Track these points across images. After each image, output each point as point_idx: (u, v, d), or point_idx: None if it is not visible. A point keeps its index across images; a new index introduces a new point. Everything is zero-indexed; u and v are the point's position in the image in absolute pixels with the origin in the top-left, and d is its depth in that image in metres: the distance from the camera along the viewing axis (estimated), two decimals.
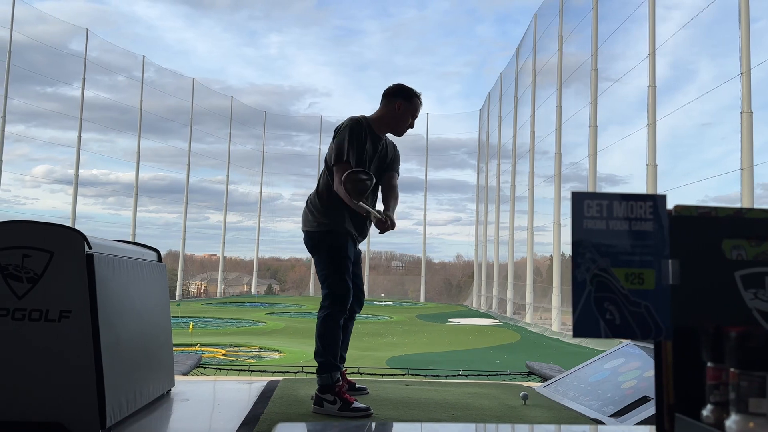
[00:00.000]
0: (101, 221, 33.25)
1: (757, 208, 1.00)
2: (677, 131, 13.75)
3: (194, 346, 11.11)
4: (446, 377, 5.65)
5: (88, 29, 26.20)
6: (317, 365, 3.18)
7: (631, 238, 0.91)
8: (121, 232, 29.57)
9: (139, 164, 28.39)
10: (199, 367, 5.53)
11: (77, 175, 25.41)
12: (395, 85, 3.57)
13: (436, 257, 48.02)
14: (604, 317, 0.89)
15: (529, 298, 21.15)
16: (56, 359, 2.31)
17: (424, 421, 2.96)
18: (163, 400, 3.21)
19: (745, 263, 0.96)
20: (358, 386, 3.62)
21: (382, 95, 3.56)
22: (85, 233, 2.43)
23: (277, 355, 11.17)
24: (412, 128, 3.59)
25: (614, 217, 0.91)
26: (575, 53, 18.44)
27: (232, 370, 6.23)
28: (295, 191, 48.20)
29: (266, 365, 7.96)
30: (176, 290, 30.91)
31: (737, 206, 1.33)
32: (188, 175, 31.65)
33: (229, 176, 34.79)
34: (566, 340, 15.04)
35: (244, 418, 2.88)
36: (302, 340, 12.85)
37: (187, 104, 31.91)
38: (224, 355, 10.78)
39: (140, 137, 28.45)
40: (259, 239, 36.81)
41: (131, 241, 3.29)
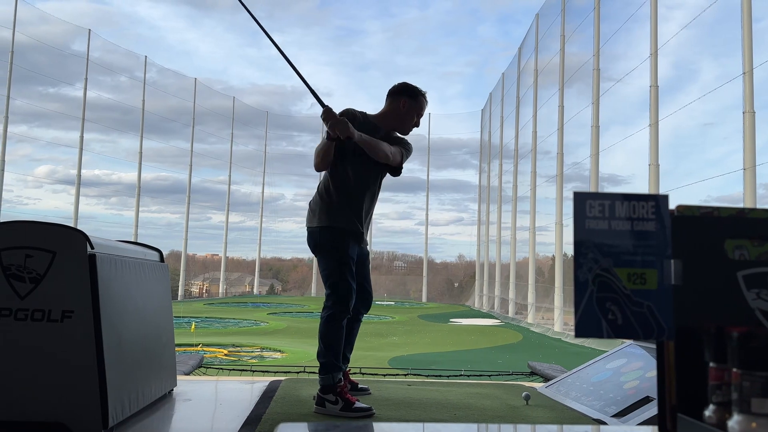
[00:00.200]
0: (103, 221, 33.29)
1: (759, 208, 1.00)
2: (679, 131, 13.75)
3: (196, 346, 11.12)
4: (448, 377, 5.65)
5: (90, 30, 26.27)
6: (319, 365, 3.18)
7: (633, 238, 0.91)
8: (123, 232, 29.60)
9: (141, 164, 28.47)
10: (201, 367, 5.54)
11: (79, 175, 25.47)
12: (400, 83, 3.56)
13: (438, 257, 48.04)
14: (606, 317, 0.89)
15: (531, 298, 21.13)
16: (58, 359, 2.31)
17: (426, 421, 2.95)
18: (165, 400, 3.21)
19: (747, 263, 0.96)
20: (360, 386, 3.62)
21: (387, 93, 3.55)
22: (87, 233, 2.43)
23: (279, 355, 11.17)
24: (417, 127, 3.57)
25: (616, 217, 0.91)
26: (577, 53, 18.44)
27: (234, 370, 6.22)
28: (296, 191, 48.31)
29: (268, 365, 7.96)
30: (178, 290, 30.95)
31: (740, 206, 1.32)
32: (190, 175, 31.73)
33: (231, 176, 34.89)
34: (568, 340, 15.03)
35: (246, 418, 2.88)
36: (304, 340, 12.85)
37: (189, 104, 31.97)
38: (226, 355, 10.78)
39: (142, 137, 28.53)
40: (261, 239, 36.89)
41: (133, 241, 3.29)
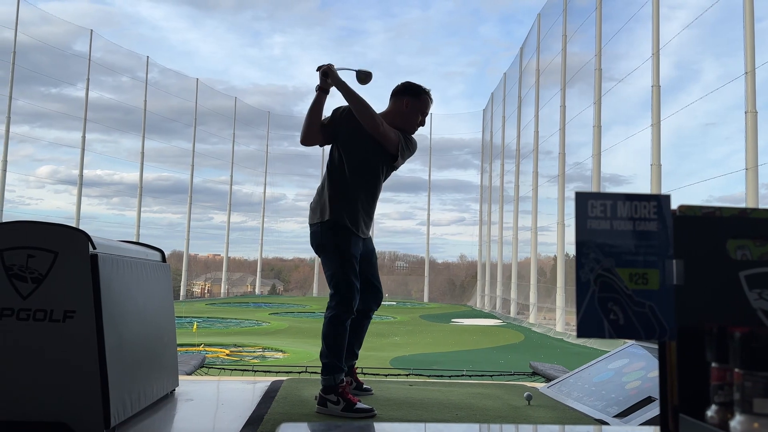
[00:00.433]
0: (105, 221, 33.37)
1: (761, 207, 1.00)
2: (681, 131, 13.74)
3: (198, 346, 11.13)
4: (450, 377, 5.65)
5: (92, 30, 26.30)
6: (322, 366, 3.17)
7: (635, 238, 0.91)
8: (125, 232, 29.64)
9: (143, 165, 28.50)
10: (203, 367, 5.54)
11: (81, 175, 25.51)
12: (403, 82, 3.52)
13: (439, 257, 48.03)
14: (608, 317, 0.89)
15: (532, 298, 21.12)
16: (60, 359, 2.32)
17: (427, 421, 2.95)
18: (167, 400, 3.21)
19: (749, 263, 0.96)
20: (364, 386, 3.62)
21: (391, 93, 3.52)
22: (89, 233, 2.44)
23: (280, 355, 11.18)
24: (423, 125, 3.51)
25: (618, 217, 0.91)
26: (579, 53, 18.43)
27: (235, 370, 6.23)
28: (298, 191, 48.33)
29: (270, 365, 7.96)
30: (180, 290, 30.97)
31: (742, 206, 1.32)
32: (192, 175, 31.75)
33: (232, 176, 34.89)
34: (570, 340, 15.01)
35: (248, 418, 2.88)
36: (306, 340, 12.86)
37: (190, 105, 31.98)
38: (228, 355, 10.79)
39: (144, 138, 28.55)
40: (262, 239, 36.90)
41: (135, 241, 3.30)
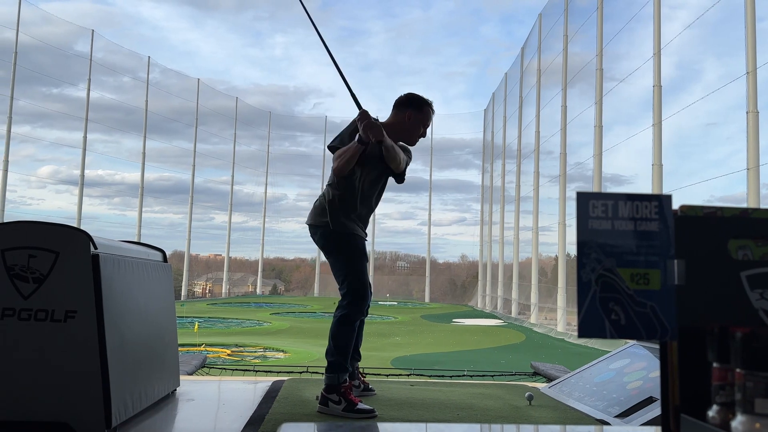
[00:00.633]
0: (106, 222, 33.37)
1: (763, 207, 1.00)
2: (683, 131, 13.72)
3: (199, 346, 11.13)
4: (451, 377, 5.65)
5: (93, 30, 26.33)
6: (327, 364, 3.16)
7: (636, 238, 0.91)
8: (126, 232, 29.67)
9: (144, 165, 28.51)
10: (204, 367, 5.55)
11: (83, 175, 25.53)
12: (406, 94, 3.50)
13: (440, 257, 47.86)
14: (609, 317, 0.89)
15: (534, 298, 21.11)
16: (62, 359, 2.32)
17: (428, 421, 2.95)
18: (168, 399, 3.21)
19: (751, 263, 0.96)
20: (369, 387, 3.62)
21: (393, 104, 3.49)
22: (90, 233, 2.44)
23: (282, 355, 11.18)
24: (424, 137, 3.50)
25: (619, 217, 0.91)
26: (580, 53, 18.41)
27: (237, 370, 6.23)
28: (299, 191, 48.31)
29: (271, 365, 7.96)
30: (181, 290, 30.98)
31: (743, 206, 1.32)
32: (193, 175, 31.76)
33: (234, 176, 34.90)
34: (571, 340, 15.01)
35: (249, 418, 2.88)
36: (307, 340, 12.86)
37: (192, 105, 32.00)
38: (229, 355, 10.79)
39: (145, 138, 28.57)
40: (264, 239, 36.89)
41: (136, 241, 3.30)
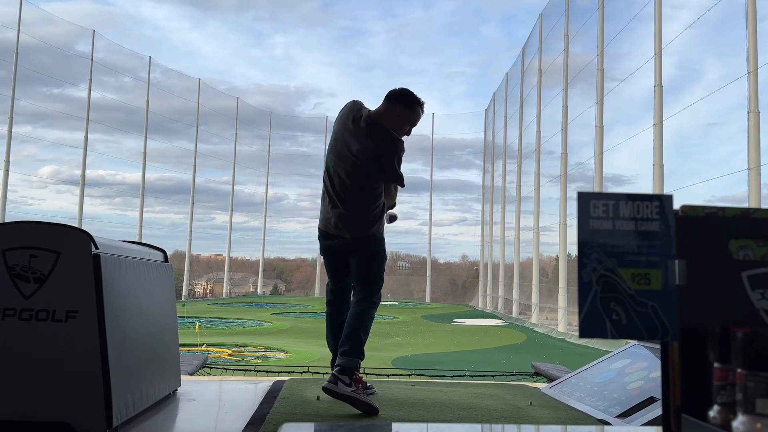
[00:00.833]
0: (108, 222, 33.44)
1: (764, 208, 1.00)
2: (684, 131, 13.72)
3: (200, 346, 11.14)
4: (452, 377, 5.65)
5: (94, 30, 26.37)
6: (349, 348, 3.18)
7: (637, 238, 0.91)
8: (127, 232, 29.72)
9: (145, 165, 28.53)
10: (205, 367, 5.54)
11: (84, 175, 25.56)
12: (400, 89, 3.50)
13: (441, 257, 47.84)
14: (610, 318, 0.89)
15: (535, 298, 21.11)
16: (63, 359, 2.32)
17: (429, 421, 2.95)
18: (169, 399, 3.22)
19: (752, 263, 0.96)
20: (367, 385, 3.63)
21: (385, 95, 3.50)
22: (91, 233, 2.44)
23: (282, 355, 11.19)
24: (408, 135, 3.56)
25: (620, 217, 0.91)
26: (581, 53, 18.41)
27: (238, 370, 6.24)
28: (300, 191, 48.38)
29: (272, 365, 7.97)
30: (182, 290, 31.00)
31: (744, 206, 1.32)
32: (194, 175, 31.78)
33: (234, 177, 34.92)
34: (572, 340, 15.01)
35: (249, 418, 2.88)
36: (308, 340, 12.86)
37: (193, 105, 32.02)
38: (230, 355, 10.80)
39: (146, 138, 28.59)
40: (264, 239, 36.91)
41: (137, 241, 3.30)
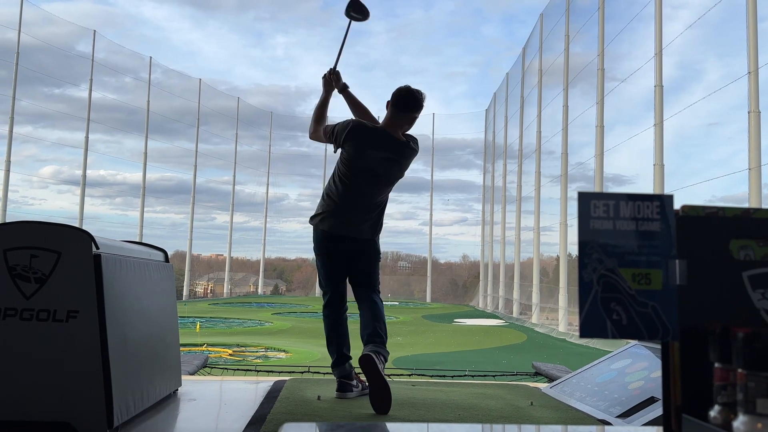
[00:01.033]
0: (108, 222, 33.37)
1: (764, 208, 1.00)
2: (684, 131, 13.69)
3: (201, 346, 11.14)
4: (452, 377, 5.64)
5: (95, 31, 26.33)
6: (382, 339, 3.65)
7: (638, 238, 0.91)
8: (128, 232, 29.71)
9: (146, 165, 28.51)
10: (205, 367, 5.55)
11: (84, 175, 25.54)
12: (404, 88, 3.63)
13: (442, 257, 47.76)
14: (611, 318, 0.89)
15: (535, 298, 21.10)
16: (63, 359, 2.32)
17: (430, 421, 2.95)
18: (170, 399, 3.22)
19: (752, 263, 0.96)
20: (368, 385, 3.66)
21: (391, 100, 3.66)
22: (92, 233, 2.44)
23: (283, 355, 11.18)
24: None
25: (621, 217, 0.91)
26: (582, 53, 18.39)
27: (238, 370, 6.24)
28: (301, 191, 48.31)
29: (273, 365, 7.97)
30: (183, 290, 31.00)
31: (745, 206, 1.32)
32: (195, 175, 31.76)
33: (235, 177, 34.89)
34: (573, 340, 14.99)
35: (250, 418, 2.88)
36: (308, 340, 12.85)
37: (193, 105, 32.01)
38: (231, 355, 10.80)
39: (147, 138, 28.57)
40: (265, 239, 36.89)
41: (138, 241, 3.30)
